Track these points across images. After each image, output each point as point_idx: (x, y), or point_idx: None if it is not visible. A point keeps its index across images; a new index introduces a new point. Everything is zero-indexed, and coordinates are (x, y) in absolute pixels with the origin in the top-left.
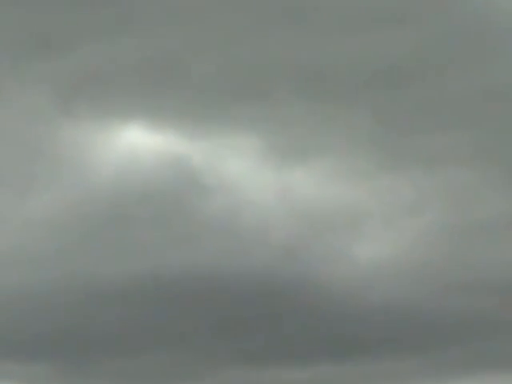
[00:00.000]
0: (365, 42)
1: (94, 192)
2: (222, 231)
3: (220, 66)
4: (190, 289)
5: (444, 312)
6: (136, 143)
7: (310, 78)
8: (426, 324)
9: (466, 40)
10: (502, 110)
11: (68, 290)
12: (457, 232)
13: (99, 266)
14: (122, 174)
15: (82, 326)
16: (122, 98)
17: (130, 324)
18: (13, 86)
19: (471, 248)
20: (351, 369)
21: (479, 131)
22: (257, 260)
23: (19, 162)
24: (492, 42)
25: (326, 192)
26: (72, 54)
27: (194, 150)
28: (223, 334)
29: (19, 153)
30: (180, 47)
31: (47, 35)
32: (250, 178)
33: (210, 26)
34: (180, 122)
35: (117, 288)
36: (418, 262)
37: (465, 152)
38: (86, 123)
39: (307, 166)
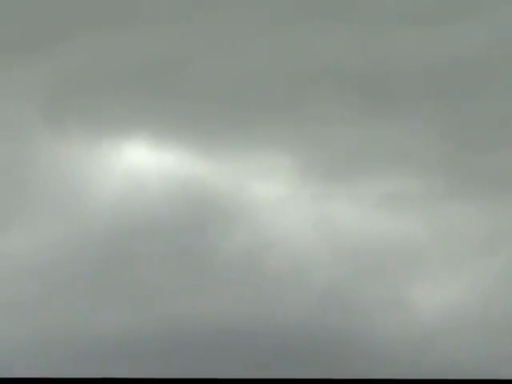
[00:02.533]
0: (424, 41)
1: (89, 225)
2: (246, 273)
3: (239, 70)
4: (207, 346)
5: None
6: (138, 164)
7: (355, 84)
8: None
9: None
10: None
11: (56, 346)
12: None
13: (96, 317)
14: (123, 202)
15: None
16: (119, 108)
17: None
18: None
19: None
20: None
21: None
22: (290, 310)
23: None
24: None
25: (375, 224)
26: (58, 57)
27: (211, 172)
28: None
29: None
30: (189, 48)
31: (27, 34)
32: (281, 207)
33: (224, 22)
34: (192, 137)
35: (117, 344)
36: (494, 313)
37: None
38: (77, 140)
39: (352, 191)
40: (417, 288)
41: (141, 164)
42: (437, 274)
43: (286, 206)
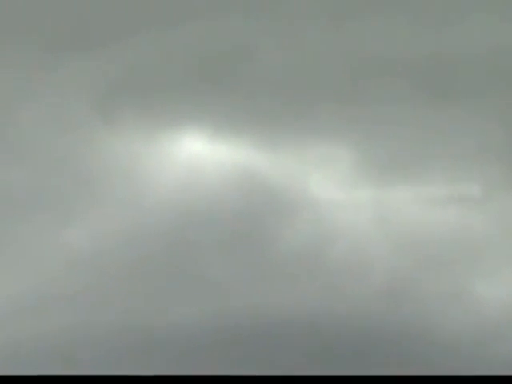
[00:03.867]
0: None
1: (149, 216)
2: (305, 265)
3: (298, 59)
4: (266, 339)
5: None
6: (196, 155)
7: (418, 73)
8: None
9: None
10: None
11: (115, 343)
12: None
13: (157, 310)
14: (182, 193)
15: None
16: (176, 99)
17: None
18: (42, 89)
19: None
20: None
21: None
22: (351, 303)
23: (52, 181)
24: None
25: (439, 216)
26: (119, 52)
27: (270, 164)
28: None
29: (51, 170)
30: (251, 41)
31: (87, 30)
32: (341, 199)
33: (286, 15)
34: (251, 128)
35: (178, 338)
36: None
37: None
38: (134, 132)
39: (414, 183)
40: (479, 282)
41: (198, 155)
42: (499, 268)
43: (347, 199)
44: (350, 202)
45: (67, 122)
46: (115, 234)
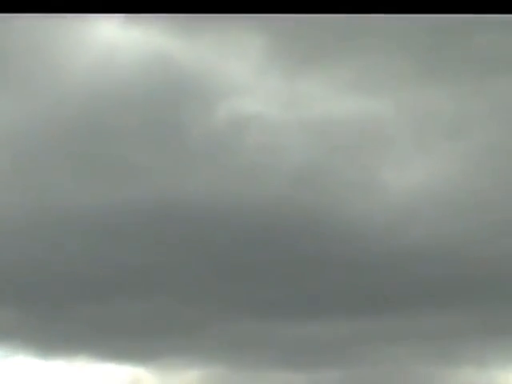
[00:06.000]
0: None
1: (63, 99)
2: (220, 150)
3: None
4: (182, 222)
5: (495, 253)
6: (110, 41)
7: None
8: (472, 270)
9: None
10: None
11: (37, 222)
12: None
13: (73, 192)
14: (97, 77)
15: (56, 266)
16: None
17: (110, 264)
18: None
19: None
20: (374, 325)
21: None
22: (263, 188)
23: None
24: None
25: (347, 105)
26: None
27: (186, 49)
28: (215, 281)
29: None
30: None
31: None
32: (254, 86)
33: None
34: (166, 14)
35: (91, 221)
36: (461, 192)
37: None
38: (49, 17)
39: (324, 72)
40: (388, 170)
41: (115, 38)
42: (406, 155)
43: (259, 87)
44: (262, 90)
45: None
46: (30, 116)
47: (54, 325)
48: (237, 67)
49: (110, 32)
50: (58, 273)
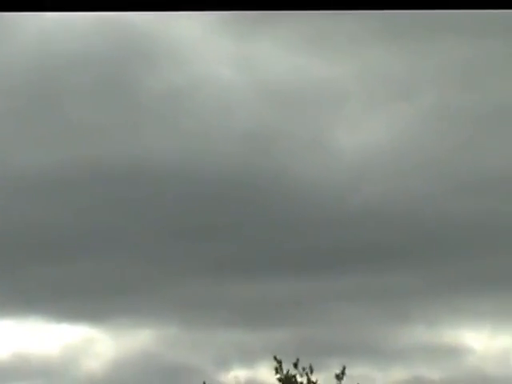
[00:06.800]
0: None
1: (12, 61)
2: (170, 111)
3: None
4: (133, 184)
5: (448, 216)
6: None
7: None
8: (427, 233)
9: None
10: None
11: None
12: (470, 119)
13: (22, 152)
14: (46, 36)
15: (7, 226)
16: None
17: (61, 224)
18: None
19: (485, 138)
20: (328, 285)
21: None
22: (215, 150)
23: None
24: None
25: (303, 65)
26: None
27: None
28: (167, 242)
29: None
30: None
31: None
32: (206, 48)
33: None
34: None
35: (45, 180)
36: (416, 154)
37: None
38: None
39: (278, 35)
40: (340, 130)
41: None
42: (360, 117)
43: (212, 49)
44: (215, 51)
45: None
46: None
47: (4, 284)
48: (190, 29)
49: None
50: (8, 233)
